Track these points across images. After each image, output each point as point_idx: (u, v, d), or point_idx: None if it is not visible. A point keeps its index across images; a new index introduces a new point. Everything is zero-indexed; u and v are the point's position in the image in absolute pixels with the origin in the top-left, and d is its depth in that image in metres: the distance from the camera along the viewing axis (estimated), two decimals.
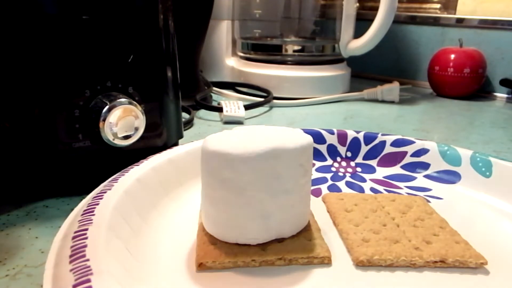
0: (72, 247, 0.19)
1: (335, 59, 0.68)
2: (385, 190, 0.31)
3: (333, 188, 0.31)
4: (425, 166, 0.34)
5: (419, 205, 0.27)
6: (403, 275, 0.21)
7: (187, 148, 0.31)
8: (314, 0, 0.73)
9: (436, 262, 0.21)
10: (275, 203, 0.21)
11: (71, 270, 0.17)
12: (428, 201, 0.29)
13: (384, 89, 0.64)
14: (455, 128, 0.52)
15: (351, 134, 0.35)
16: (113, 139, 0.28)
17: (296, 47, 0.67)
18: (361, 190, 0.31)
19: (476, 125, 0.53)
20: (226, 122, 0.51)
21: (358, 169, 0.34)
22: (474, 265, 0.21)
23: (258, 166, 0.20)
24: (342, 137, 0.35)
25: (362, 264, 0.21)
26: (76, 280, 0.16)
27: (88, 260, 0.17)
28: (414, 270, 0.21)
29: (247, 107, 0.52)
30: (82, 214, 0.21)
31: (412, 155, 0.34)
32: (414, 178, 0.33)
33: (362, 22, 0.68)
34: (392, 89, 0.64)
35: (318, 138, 0.35)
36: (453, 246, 0.22)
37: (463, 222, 0.26)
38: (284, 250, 0.22)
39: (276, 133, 0.23)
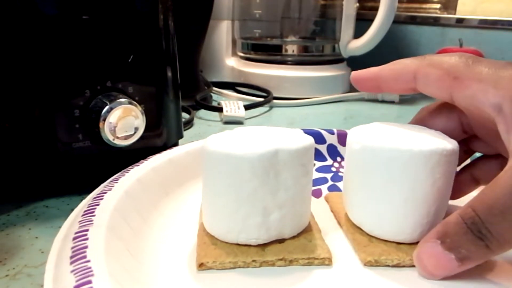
0: (72, 248, 0.19)
1: (335, 59, 0.68)
2: None
3: (333, 188, 0.31)
4: None
5: None
6: (405, 275, 0.21)
7: (187, 148, 0.31)
8: (314, 0, 0.72)
9: None
10: (276, 204, 0.21)
11: (72, 271, 0.17)
12: None
13: None
14: None
15: None
16: (113, 139, 0.28)
17: (296, 47, 0.67)
18: None
19: None
20: (226, 122, 0.51)
21: None
22: None
23: (259, 167, 0.20)
24: (342, 137, 0.35)
25: (370, 264, 0.21)
26: (77, 281, 0.16)
27: (89, 261, 0.17)
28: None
29: (247, 107, 0.52)
30: (83, 215, 0.21)
31: None
32: None
33: (362, 22, 0.68)
34: None
35: (318, 138, 0.35)
36: None
37: None
38: (285, 251, 0.22)
39: (277, 133, 0.23)
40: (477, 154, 0.26)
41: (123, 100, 0.28)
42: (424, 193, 0.21)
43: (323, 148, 0.35)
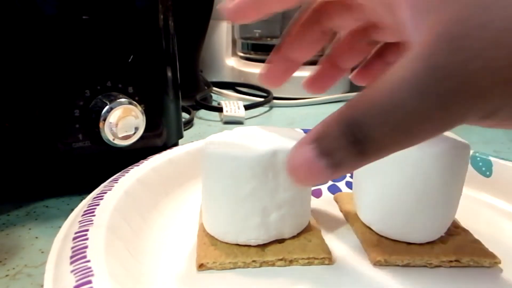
0: (73, 248, 0.19)
1: None
2: None
3: (333, 188, 0.31)
4: None
5: None
6: (407, 275, 0.21)
7: (187, 148, 0.31)
8: None
9: (451, 261, 0.21)
10: (275, 204, 0.21)
11: (72, 271, 0.17)
12: None
13: None
14: (455, 128, 0.52)
15: None
16: (113, 139, 0.28)
17: None
18: None
19: None
20: (226, 122, 0.51)
21: None
22: (488, 264, 0.21)
23: (259, 167, 0.20)
24: None
25: (380, 264, 0.21)
26: (77, 281, 0.16)
27: (89, 261, 0.17)
28: (423, 269, 0.21)
29: (247, 107, 0.52)
30: (83, 215, 0.21)
31: None
32: None
33: None
34: None
35: None
36: (467, 245, 0.22)
37: (465, 221, 0.26)
38: (285, 251, 0.22)
39: (277, 133, 0.23)
40: None
41: (123, 100, 0.28)
42: (435, 193, 0.21)
43: None
